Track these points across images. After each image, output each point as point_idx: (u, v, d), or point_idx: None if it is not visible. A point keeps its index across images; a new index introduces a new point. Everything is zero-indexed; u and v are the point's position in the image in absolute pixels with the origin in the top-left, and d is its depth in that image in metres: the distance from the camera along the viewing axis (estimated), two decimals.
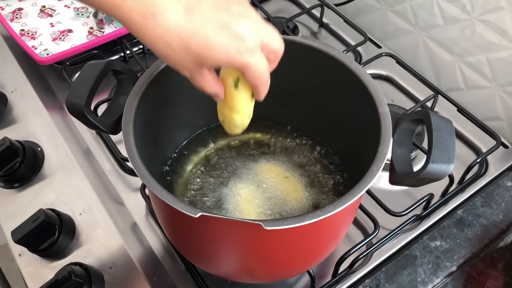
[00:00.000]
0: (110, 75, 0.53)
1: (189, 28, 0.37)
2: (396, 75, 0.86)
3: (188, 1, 0.37)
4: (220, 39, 0.38)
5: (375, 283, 0.56)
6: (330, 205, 0.43)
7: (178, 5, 0.37)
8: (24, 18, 0.87)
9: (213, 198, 0.60)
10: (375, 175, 0.45)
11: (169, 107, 0.56)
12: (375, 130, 0.50)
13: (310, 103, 0.63)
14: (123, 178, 0.73)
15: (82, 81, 0.50)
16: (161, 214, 0.53)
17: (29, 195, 0.70)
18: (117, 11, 0.37)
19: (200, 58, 0.39)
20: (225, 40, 0.38)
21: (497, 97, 0.85)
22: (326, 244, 0.52)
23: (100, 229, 0.66)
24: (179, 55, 0.39)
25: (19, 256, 0.65)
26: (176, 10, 0.37)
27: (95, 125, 0.50)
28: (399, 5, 0.95)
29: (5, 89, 0.81)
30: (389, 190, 0.70)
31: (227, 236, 0.46)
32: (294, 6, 1.00)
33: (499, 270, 0.59)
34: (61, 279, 0.58)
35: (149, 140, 0.54)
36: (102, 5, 0.38)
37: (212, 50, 0.38)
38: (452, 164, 0.46)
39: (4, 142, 0.69)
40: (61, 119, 0.79)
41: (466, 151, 0.77)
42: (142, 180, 0.45)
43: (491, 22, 0.80)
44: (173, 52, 0.38)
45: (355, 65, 0.54)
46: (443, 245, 0.59)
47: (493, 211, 0.62)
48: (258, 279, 0.57)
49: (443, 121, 0.48)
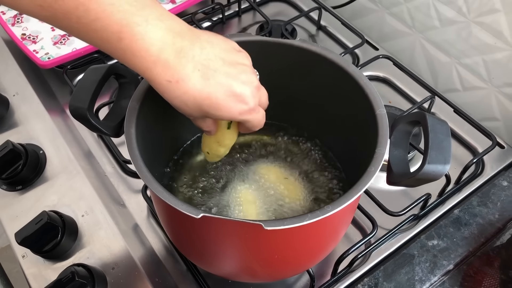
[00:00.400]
0: (111, 79, 0.54)
1: (204, 92, 0.45)
2: (393, 76, 0.87)
3: (206, 70, 0.44)
4: (227, 103, 0.46)
5: (374, 281, 0.57)
6: (329, 205, 0.44)
7: (198, 73, 0.44)
8: (25, 23, 0.87)
9: (214, 199, 0.61)
10: (372, 175, 0.46)
11: (171, 110, 0.57)
12: (372, 131, 0.51)
13: (308, 105, 0.64)
14: (124, 180, 0.73)
15: (85, 85, 0.51)
16: (163, 215, 0.54)
17: (31, 197, 0.71)
18: (146, 74, 0.44)
19: (207, 114, 0.47)
20: (232, 104, 0.46)
21: (493, 98, 0.86)
22: (325, 243, 0.53)
23: (102, 231, 0.67)
24: (190, 109, 0.46)
25: (22, 258, 0.66)
26: (196, 77, 0.44)
27: (98, 128, 0.51)
28: (396, 8, 0.96)
29: (7, 92, 0.82)
30: (387, 190, 0.71)
31: (228, 237, 0.47)
32: (292, 9, 1.01)
33: (496, 268, 0.60)
34: (65, 279, 0.59)
35: (151, 143, 0.55)
36: (134, 66, 0.44)
37: (220, 111, 0.46)
38: (448, 165, 0.47)
39: (6, 145, 0.70)
40: (63, 122, 0.80)
41: (462, 152, 0.78)
42: (145, 182, 0.46)
43: (486, 24, 0.81)
44: (187, 107, 0.46)
45: (352, 68, 0.55)
46: (440, 244, 0.60)
47: (489, 210, 0.63)
48: (259, 278, 0.58)
49: (439, 122, 0.49)
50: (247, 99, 0.47)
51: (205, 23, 0.96)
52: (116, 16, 0.41)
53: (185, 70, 0.44)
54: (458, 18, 0.85)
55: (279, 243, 0.47)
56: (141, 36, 0.42)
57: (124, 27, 0.41)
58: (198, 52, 0.44)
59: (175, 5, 0.91)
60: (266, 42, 0.59)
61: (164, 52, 0.43)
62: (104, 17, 0.41)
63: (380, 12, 1.00)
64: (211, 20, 0.97)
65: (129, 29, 0.41)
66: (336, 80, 0.57)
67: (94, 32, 0.42)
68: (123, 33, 0.41)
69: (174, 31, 0.44)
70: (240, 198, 0.60)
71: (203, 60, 0.45)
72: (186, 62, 0.44)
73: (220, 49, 0.46)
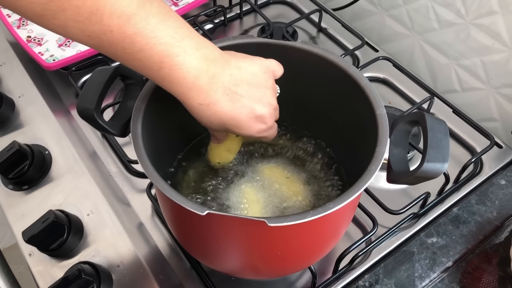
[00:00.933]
0: (115, 81, 0.56)
1: (230, 114, 0.50)
2: (393, 77, 0.88)
3: (233, 95, 0.50)
4: (249, 123, 0.52)
5: (374, 278, 0.58)
6: (331, 202, 0.45)
7: (226, 97, 0.49)
8: (31, 25, 0.89)
9: (218, 197, 0.62)
10: (373, 174, 0.47)
11: (175, 111, 0.58)
12: (373, 131, 0.52)
13: (309, 105, 0.65)
14: (129, 180, 0.75)
15: (92, 86, 0.53)
16: (168, 212, 0.55)
17: (37, 197, 0.72)
18: (181, 97, 0.49)
19: (229, 131, 0.53)
20: (252, 124, 0.52)
21: (492, 99, 0.87)
22: (327, 240, 0.54)
23: (108, 229, 0.68)
24: (214, 126, 0.52)
25: (29, 256, 0.67)
26: (224, 101, 0.49)
27: (105, 128, 0.52)
28: (395, 10, 0.97)
29: (12, 94, 0.83)
30: (387, 189, 0.73)
31: (232, 233, 0.49)
32: (293, 11, 1.02)
33: (494, 265, 0.61)
34: (71, 277, 0.60)
35: (156, 143, 0.56)
36: (171, 90, 0.48)
37: (241, 129, 0.52)
38: (447, 163, 0.48)
39: (13, 146, 0.71)
40: (68, 123, 0.81)
41: (461, 151, 0.79)
42: (152, 180, 0.47)
43: (484, 26, 0.82)
44: (212, 124, 0.51)
45: (353, 69, 0.57)
46: (439, 241, 0.61)
47: (487, 208, 0.64)
48: (262, 275, 0.59)
49: (437, 122, 0.50)
50: (266, 120, 0.53)
51: (207, 25, 0.97)
52: (158, 48, 0.45)
53: (216, 95, 0.49)
54: (456, 20, 0.86)
55: (282, 239, 0.49)
56: (180, 66, 0.46)
57: (165, 57, 0.45)
58: (227, 78, 0.49)
59: (177, 8, 0.93)
60: (267, 44, 0.60)
61: (199, 79, 0.47)
62: (148, 48, 0.44)
63: (380, 14, 1.01)
64: (213, 22, 0.99)
65: (169, 59, 0.45)
66: (337, 81, 0.58)
67: (137, 60, 0.45)
68: (164, 63, 0.45)
69: (208, 59, 0.48)
70: (243, 197, 0.61)
71: (232, 85, 0.50)
72: (217, 88, 0.49)
73: (247, 73, 0.51)
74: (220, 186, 0.64)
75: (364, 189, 0.47)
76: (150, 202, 0.71)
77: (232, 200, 0.61)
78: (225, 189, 0.63)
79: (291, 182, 0.63)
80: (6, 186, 0.74)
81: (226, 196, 0.62)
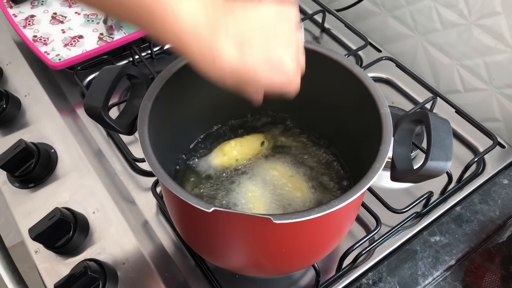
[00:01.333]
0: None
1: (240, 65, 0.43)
2: (396, 78, 0.89)
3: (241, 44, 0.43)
4: (265, 76, 0.45)
5: (378, 276, 0.59)
6: (335, 200, 0.46)
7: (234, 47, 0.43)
8: (37, 25, 0.90)
9: (223, 195, 0.63)
10: (377, 172, 0.48)
11: (181, 109, 0.59)
12: (376, 130, 0.53)
13: (315, 104, 0.65)
14: (134, 179, 0.75)
15: (99, 85, 0.53)
16: (174, 210, 0.55)
17: (43, 194, 0.73)
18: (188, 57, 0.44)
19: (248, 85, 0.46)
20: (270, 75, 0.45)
21: (494, 99, 0.87)
22: (331, 238, 0.55)
23: (113, 227, 0.69)
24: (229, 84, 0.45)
25: (35, 253, 0.68)
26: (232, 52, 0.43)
27: (112, 126, 0.53)
28: (398, 11, 0.98)
29: (18, 93, 0.84)
30: (390, 188, 0.73)
31: (238, 230, 0.49)
32: None
33: (496, 264, 0.62)
34: (77, 274, 0.60)
35: (162, 141, 0.57)
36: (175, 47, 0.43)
37: (256, 84, 0.45)
38: (450, 162, 0.49)
39: (20, 144, 0.72)
40: (73, 121, 0.82)
41: (464, 151, 0.79)
42: (158, 178, 0.48)
43: (487, 27, 0.83)
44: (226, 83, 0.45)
45: (357, 68, 0.57)
46: (442, 240, 0.62)
47: (490, 207, 0.65)
48: (266, 272, 0.60)
49: (441, 121, 0.51)
50: (285, 69, 0.45)
51: None
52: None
53: (220, 45, 0.42)
54: (459, 21, 0.87)
55: (286, 236, 0.49)
56: (173, 14, 0.41)
57: (155, 4, 0.40)
58: (232, 25, 0.43)
59: None
60: None
61: (197, 28, 0.42)
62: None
63: (383, 15, 1.02)
64: None
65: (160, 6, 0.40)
66: (341, 80, 0.59)
67: (129, 13, 0.41)
68: (155, 12, 0.40)
69: (206, 4, 0.42)
70: (248, 195, 0.62)
71: (238, 32, 0.43)
72: (220, 37, 0.42)
73: (257, 18, 0.44)
74: (225, 184, 0.64)
75: (368, 187, 0.48)
76: (155, 200, 0.72)
77: (236, 198, 0.62)
78: (230, 187, 0.64)
79: (295, 180, 0.63)
80: (12, 184, 0.74)
81: (230, 194, 0.63)
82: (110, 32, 0.89)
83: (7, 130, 0.80)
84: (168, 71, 0.56)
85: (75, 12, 0.92)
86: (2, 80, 0.87)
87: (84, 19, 0.91)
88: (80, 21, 0.91)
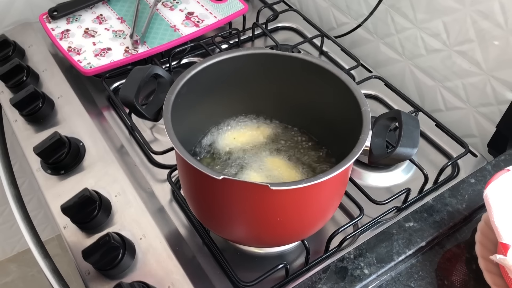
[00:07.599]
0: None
1: None
2: (384, 94, 1.00)
3: None
4: None
5: (358, 252, 0.69)
6: (325, 172, 0.56)
7: None
8: (71, 38, 1.02)
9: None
10: (356, 154, 0.58)
11: (199, 103, 0.70)
12: (359, 124, 0.64)
13: (309, 107, 0.76)
14: (151, 171, 0.86)
15: (132, 80, 0.65)
16: (187, 180, 0.64)
17: (72, 180, 0.83)
18: None
19: None
20: None
21: (471, 117, 0.98)
22: (320, 210, 0.65)
23: (132, 209, 0.79)
24: None
25: (63, 229, 0.78)
26: None
27: (141, 113, 0.64)
28: (389, 38, 1.10)
29: (52, 95, 0.96)
30: (374, 186, 0.84)
31: (240, 197, 0.59)
32: (298, 36, 1.16)
33: (462, 249, 0.71)
34: (101, 242, 0.70)
35: (181, 128, 0.68)
36: None
37: None
38: (416, 149, 0.60)
39: (55, 135, 0.83)
40: (100, 122, 0.93)
41: (441, 158, 0.90)
42: (177, 150, 0.58)
43: (464, 52, 0.95)
44: None
45: (344, 76, 0.69)
46: (415, 226, 0.72)
47: (458, 201, 0.75)
48: (263, 242, 0.69)
49: (411, 117, 0.62)
50: None
51: (223, 45, 1.11)
52: None
53: None
54: (441, 48, 0.99)
55: (282, 204, 0.59)
56: None
57: None
58: None
59: (198, 29, 1.06)
60: (275, 54, 0.72)
61: None
62: None
63: (375, 42, 1.14)
64: (228, 43, 1.12)
65: None
66: (331, 85, 0.70)
67: None
68: None
69: None
70: (249, 179, 0.72)
71: None
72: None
73: None
74: (231, 174, 0.75)
75: (351, 179, 0.57)
76: (170, 190, 0.82)
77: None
78: (235, 176, 0.75)
79: (290, 168, 0.74)
80: (45, 171, 0.85)
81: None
82: (135, 46, 1.01)
83: (42, 126, 0.92)
84: (189, 72, 0.68)
85: (105, 28, 1.05)
86: (39, 84, 0.99)
87: (113, 34, 1.04)
88: (109, 35, 1.04)
